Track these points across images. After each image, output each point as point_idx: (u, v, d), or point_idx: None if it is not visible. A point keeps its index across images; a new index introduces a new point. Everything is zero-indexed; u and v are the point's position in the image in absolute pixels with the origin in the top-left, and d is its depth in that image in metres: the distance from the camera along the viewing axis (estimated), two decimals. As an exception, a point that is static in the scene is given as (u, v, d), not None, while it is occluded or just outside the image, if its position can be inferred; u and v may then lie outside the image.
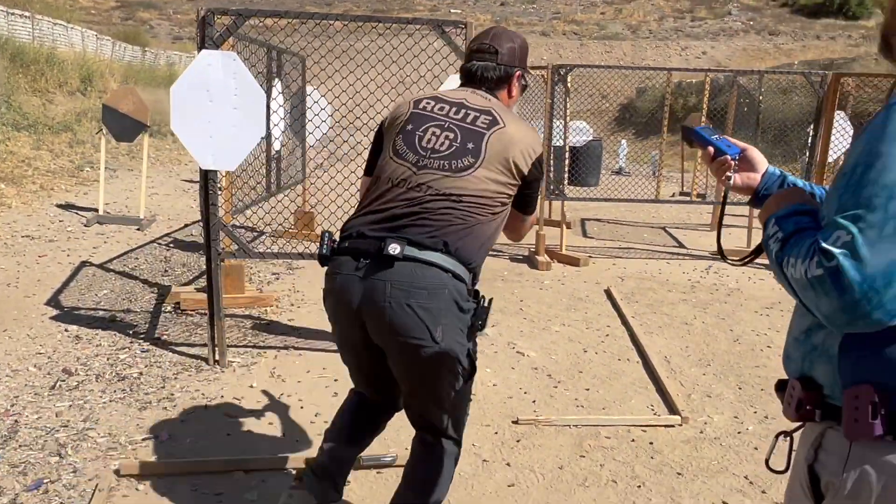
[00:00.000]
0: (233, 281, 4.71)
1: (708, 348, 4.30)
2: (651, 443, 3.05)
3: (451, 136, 1.95)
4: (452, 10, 43.50)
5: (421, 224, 1.88)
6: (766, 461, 1.23)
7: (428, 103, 2.04)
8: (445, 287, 1.87)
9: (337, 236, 2.03)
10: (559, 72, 6.14)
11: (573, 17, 42.16)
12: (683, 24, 40.00)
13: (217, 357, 3.70)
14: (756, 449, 3.03)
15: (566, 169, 6.61)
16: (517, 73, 2.10)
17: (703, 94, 7.01)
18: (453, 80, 3.39)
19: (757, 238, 7.50)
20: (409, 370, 1.97)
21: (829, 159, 6.81)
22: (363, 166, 2.27)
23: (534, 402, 3.43)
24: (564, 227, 6.66)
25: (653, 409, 3.39)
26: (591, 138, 12.82)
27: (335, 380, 3.59)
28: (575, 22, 41.45)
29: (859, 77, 8.09)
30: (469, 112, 2.00)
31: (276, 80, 5.55)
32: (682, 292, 5.59)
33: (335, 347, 4.01)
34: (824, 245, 0.98)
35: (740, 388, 3.70)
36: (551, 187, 6.50)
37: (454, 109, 2.01)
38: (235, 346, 3.99)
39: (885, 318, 0.96)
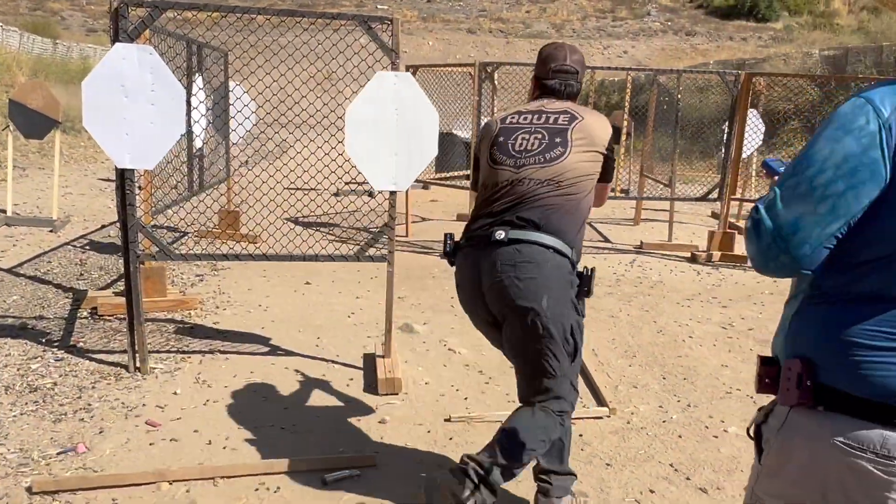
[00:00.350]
0: (153, 284, 4.54)
1: (633, 340, 4.42)
2: (581, 435, 3.10)
3: (539, 136, 2.31)
4: (379, 7, 43.19)
5: (527, 209, 2.23)
6: (748, 431, 1.36)
7: (512, 117, 2.40)
8: (548, 261, 2.19)
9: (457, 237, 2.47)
10: (486, 69, 6.17)
11: (499, 15, 42.57)
12: (605, 23, 41.02)
13: (138, 364, 3.56)
14: (680, 437, 3.13)
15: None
16: (581, 83, 2.52)
17: (626, 91, 7.19)
18: (382, 77, 3.36)
19: (678, 233, 7.77)
20: (521, 340, 2.23)
21: (743, 155, 7.12)
22: (289, 164, 2.30)
23: (466, 399, 3.45)
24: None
25: (582, 402, 3.45)
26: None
27: (264, 383, 3.51)
28: (501, 20, 41.88)
29: (769, 77, 8.48)
30: (549, 115, 2.35)
31: (197, 75, 5.37)
32: (607, 286, 5.72)
33: (263, 351, 3.92)
34: (757, 204, 1.23)
35: (664, 378, 3.82)
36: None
37: (535, 116, 2.36)
38: (157, 352, 3.84)
39: (792, 263, 1.18)
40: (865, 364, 1.14)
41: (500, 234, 2.20)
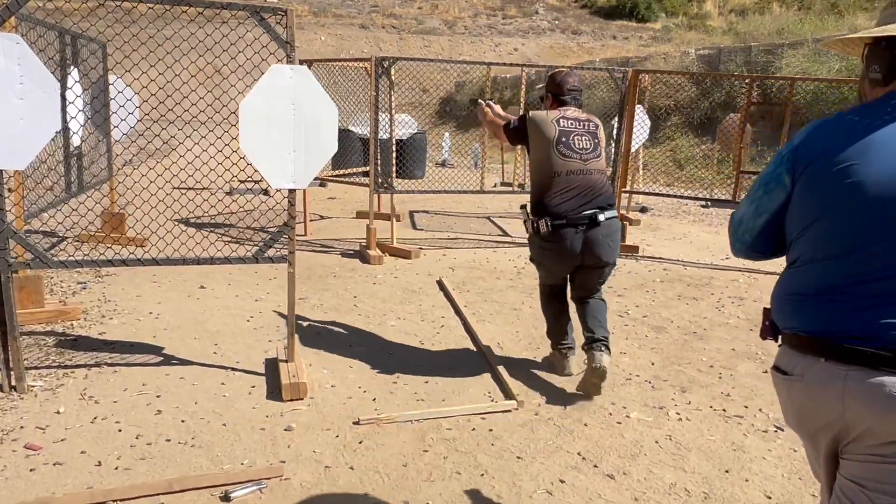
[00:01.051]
0: (29, 294, 4.19)
1: (536, 332, 4.49)
2: (491, 430, 3.11)
3: (587, 138, 3.51)
4: (268, 0, 41.96)
5: (602, 195, 3.47)
6: (761, 334, 1.74)
7: (563, 122, 3.49)
8: (618, 229, 3.55)
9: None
10: (382, 64, 6.10)
11: (391, 11, 42.37)
12: (496, 21, 41.70)
13: (13, 382, 3.26)
14: (586, 425, 3.20)
15: (394, 162, 6.59)
16: None
17: (520, 87, 7.31)
18: (277, 71, 3.22)
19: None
20: (599, 276, 3.59)
21: (632, 149, 7.41)
22: (178, 162, 2.18)
23: (374, 400, 3.38)
24: (394, 220, 6.66)
25: (490, 396, 3.48)
26: (415, 131, 13.02)
27: (157, 396, 3.30)
28: (394, 16, 41.71)
29: (654, 74, 8.86)
30: (584, 123, 3.55)
31: (73, 67, 4.99)
32: (509, 279, 5.80)
33: (156, 361, 3.69)
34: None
35: (568, 368, 3.90)
36: (379, 180, 6.46)
37: (577, 123, 3.52)
38: (36, 368, 3.54)
39: (742, 247, 1.77)
40: (789, 306, 1.60)
41: (602, 217, 3.42)
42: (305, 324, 4.40)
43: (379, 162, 6.83)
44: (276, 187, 3.31)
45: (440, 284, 5.51)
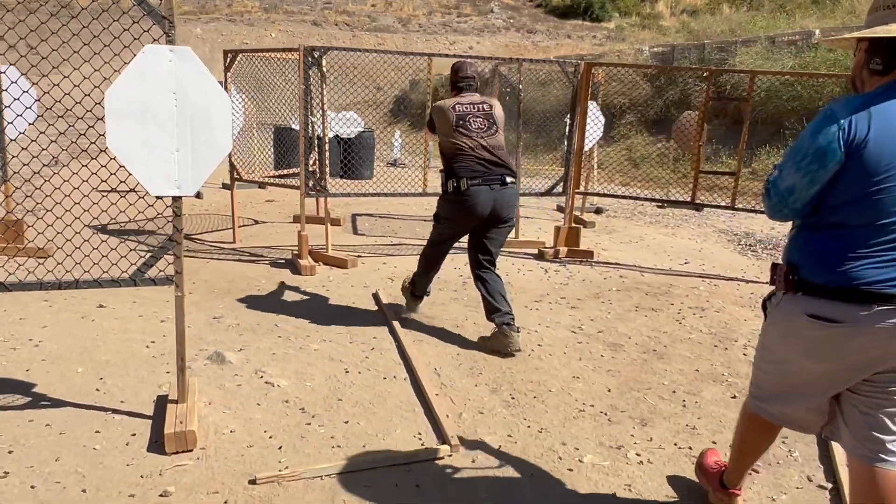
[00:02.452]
0: None
1: (479, 354, 3.99)
2: (417, 485, 2.59)
3: (482, 118, 4.05)
4: (216, -5, 40.76)
5: (503, 165, 3.98)
6: (763, 303, 2.13)
7: (459, 106, 4.07)
8: (517, 193, 4.18)
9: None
10: (312, 54, 5.52)
11: (344, 8, 41.55)
12: (451, 19, 41.23)
13: None
14: (532, 476, 2.70)
15: (327, 162, 6.01)
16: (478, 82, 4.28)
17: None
18: (153, 53, 2.64)
19: (525, 228, 7.51)
20: (501, 234, 4.13)
21: (586, 147, 6.97)
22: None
23: (280, 448, 2.82)
24: (329, 225, 6.09)
25: (420, 439, 2.95)
26: (361, 129, 12.42)
27: (9, 451, 2.69)
28: (346, 13, 40.89)
29: (607, 69, 8.46)
30: (479, 105, 4.10)
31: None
32: (453, 290, 5.29)
33: (20, 403, 3.03)
34: (768, 177, 1.99)
35: (513, 398, 3.40)
36: (310, 183, 5.87)
37: (474, 106, 4.09)
38: None
39: (792, 214, 1.95)
40: (834, 264, 1.82)
41: (509, 180, 3.98)
42: (211, 350, 3.80)
43: (314, 162, 6.26)
44: (155, 195, 2.73)
45: (376, 298, 4.96)
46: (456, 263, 6.10)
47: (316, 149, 6.03)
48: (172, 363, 3.60)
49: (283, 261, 6.05)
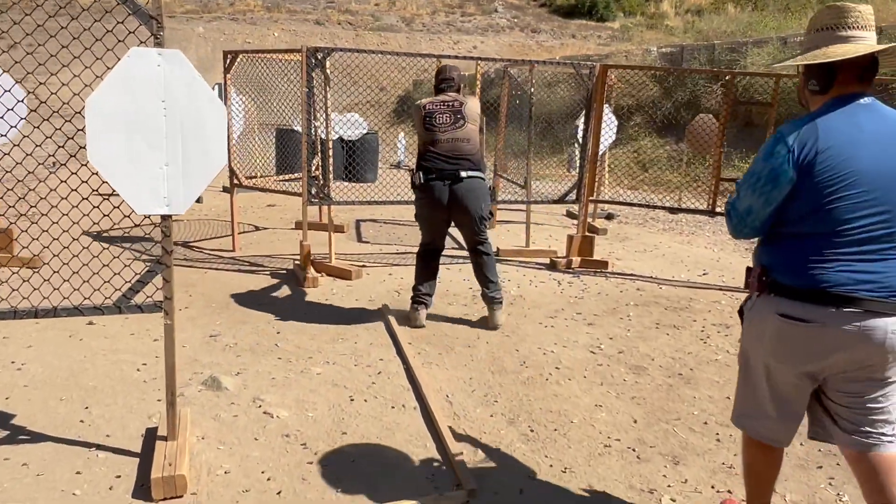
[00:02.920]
0: None
1: (494, 378, 3.72)
2: (431, 539, 2.33)
3: (448, 115, 4.31)
4: (219, -6, 40.51)
5: (464, 158, 4.26)
6: (740, 309, 2.22)
7: (430, 104, 4.37)
8: (480, 185, 4.31)
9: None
10: (316, 55, 5.26)
11: (347, 7, 41.28)
12: (454, 18, 40.93)
13: None
14: (558, 526, 2.43)
15: (331, 167, 5.75)
16: (461, 84, 4.56)
17: (476, 84, 6.57)
18: (139, 56, 2.38)
19: (535, 235, 7.25)
20: (472, 222, 4.34)
21: (600, 151, 6.71)
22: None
23: (279, 493, 2.56)
24: (332, 233, 5.82)
25: (432, 481, 2.69)
26: (365, 131, 12.16)
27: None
28: (349, 12, 40.61)
29: (621, 70, 8.19)
30: (450, 103, 4.34)
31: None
32: (462, 305, 5.02)
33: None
34: (729, 198, 2.17)
35: (532, 431, 3.14)
36: (313, 190, 5.61)
37: (444, 104, 4.34)
38: None
39: (752, 232, 2.10)
40: (800, 267, 1.96)
41: (464, 174, 4.21)
42: (207, 373, 3.54)
43: (318, 168, 6.00)
44: (141, 213, 2.46)
45: (382, 314, 4.70)
46: (465, 274, 5.84)
47: (319, 154, 5.77)
48: (165, 390, 3.34)
49: (284, 271, 5.79)
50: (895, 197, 1.90)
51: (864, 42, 1.96)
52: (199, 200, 9.21)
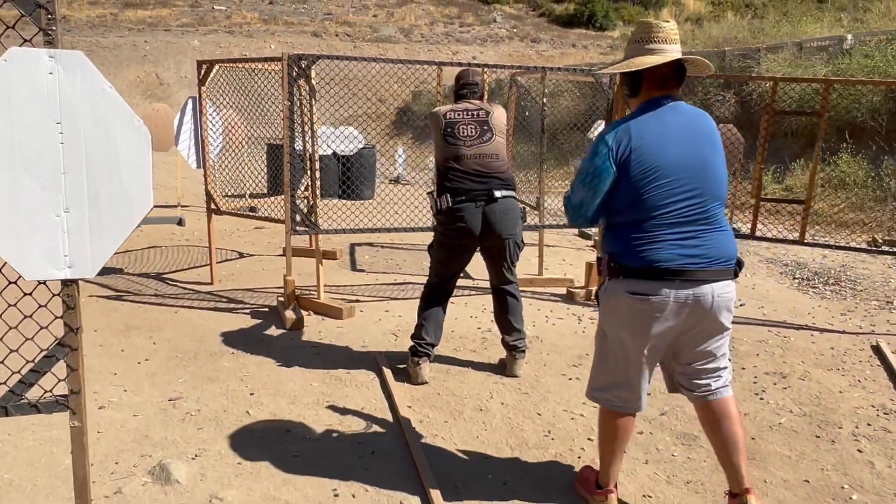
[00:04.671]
0: None
1: (513, 451, 3.02)
2: None
3: (473, 126, 3.74)
4: (216, 7, 40.14)
5: (496, 176, 3.70)
6: (595, 294, 3.16)
7: (451, 112, 3.78)
8: (515, 207, 3.77)
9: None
10: (299, 64, 4.58)
11: (345, 19, 40.83)
12: (453, 29, 40.45)
13: None
14: None
15: (318, 189, 5.06)
16: (485, 90, 4.32)
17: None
18: (23, 59, 1.69)
19: (548, 260, 6.56)
20: (503, 251, 3.76)
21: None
22: None
23: None
24: (320, 266, 5.12)
25: None
26: (362, 145, 11.49)
27: None
28: (347, 23, 40.13)
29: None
30: (474, 112, 3.79)
31: None
32: (471, 350, 4.32)
33: None
34: (566, 194, 2.44)
35: (568, 540, 2.43)
36: (297, 217, 4.91)
37: (468, 113, 3.78)
38: None
39: (585, 222, 2.43)
40: (636, 250, 2.26)
41: (498, 194, 3.67)
42: (156, 457, 2.84)
43: (305, 187, 5.33)
44: (31, 278, 1.77)
45: (377, 367, 3.99)
46: (472, 311, 5.14)
47: (308, 172, 5.09)
48: (106, 477, 2.64)
49: (266, 309, 5.09)
50: (703, 182, 2.28)
51: (666, 54, 2.29)
52: (180, 223, 8.53)
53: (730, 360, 2.52)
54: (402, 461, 2.94)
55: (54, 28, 1.70)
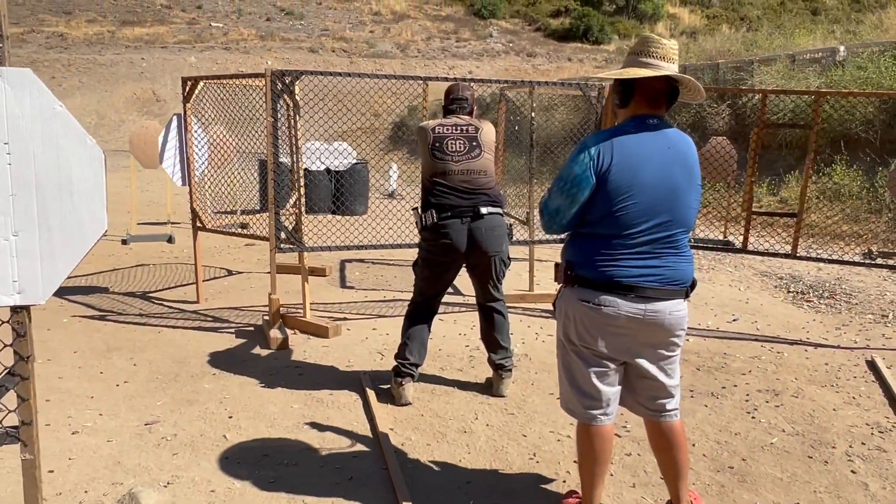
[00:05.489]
0: None
1: (498, 479, 2.92)
2: None
3: (462, 141, 3.68)
4: (213, 24, 40.31)
5: (482, 192, 3.63)
6: (553, 303, 2.57)
7: (440, 127, 3.70)
8: (501, 223, 3.69)
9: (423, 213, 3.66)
10: (283, 80, 4.53)
11: (342, 35, 41.02)
12: (449, 44, 40.62)
13: None
14: None
15: (303, 206, 4.99)
16: (474, 105, 3.88)
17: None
18: None
19: (539, 275, 6.49)
20: (489, 269, 3.69)
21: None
22: None
23: None
24: (306, 284, 5.05)
25: None
26: (354, 161, 11.45)
27: None
28: (344, 39, 40.31)
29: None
30: (464, 128, 3.72)
31: None
32: (458, 369, 4.24)
33: None
34: (542, 198, 2.45)
35: (550, 571, 2.34)
36: (282, 235, 4.84)
37: (457, 128, 3.71)
38: None
39: (560, 229, 2.42)
40: (595, 263, 2.31)
41: (484, 210, 3.59)
42: (127, 485, 2.75)
43: (293, 204, 5.26)
44: (-23, 306, 1.69)
45: (361, 387, 3.90)
46: (461, 328, 5.07)
47: (297, 189, 5.03)
48: (67, 512, 2.55)
49: (251, 328, 5.01)
50: (672, 206, 2.29)
51: (659, 69, 2.29)
52: (170, 241, 8.46)
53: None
54: (381, 486, 2.85)
55: (1, 45, 1.64)
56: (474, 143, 3.68)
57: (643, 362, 2.39)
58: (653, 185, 2.25)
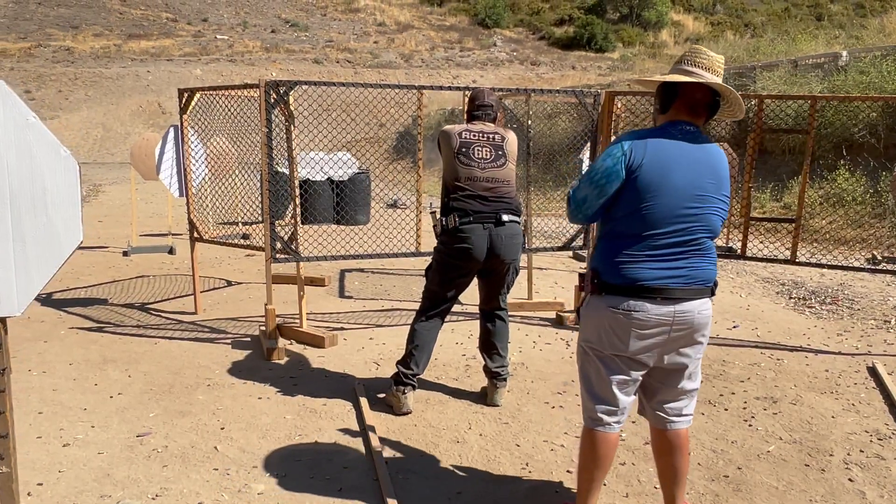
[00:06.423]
0: None
1: (489, 489, 2.89)
2: None
3: (488, 149, 3.67)
4: (218, 37, 40.60)
5: (504, 200, 3.63)
6: (576, 310, 2.59)
7: (466, 133, 3.68)
8: (520, 232, 3.71)
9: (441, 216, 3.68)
10: (277, 90, 4.54)
11: (346, 46, 41.23)
12: (453, 53, 40.78)
13: None
14: None
15: (298, 216, 4.99)
16: (499, 112, 3.86)
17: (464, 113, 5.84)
18: None
19: (538, 282, 6.46)
20: (503, 276, 3.73)
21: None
22: None
23: None
24: (302, 293, 5.04)
25: None
26: (356, 170, 11.47)
27: None
28: (348, 50, 40.53)
29: (629, 98, 7.45)
30: (490, 136, 3.71)
31: None
32: (453, 378, 4.21)
33: None
34: (570, 188, 2.45)
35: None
36: (277, 245, 4.84)
37: (484, 135, 3.70)
38: None
39: (585, 219, 2.43)
40: (619, 267, 2.31)
41: (506, 217, 3.60)
42: (114, 499, 2.73)
43: (291, 215, 5.25)
44: (-49, 318, 1.68)
45: (355, 397, 3.88)
46: (458, 337, 5.04)
47: (295, 199, 5.03)
48: (52, 527, 2.53)
49: (248, 339, 5.00)
50: (699, 211, 2.30)
51: (702, 79, 2.31)
52: (171, 252, 8.47)
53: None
54: (372, 498, 2.82)
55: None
56: (500, 153, 3.68)
57: (670, 365, 2.40)
58: (681, 187, 2.27)
